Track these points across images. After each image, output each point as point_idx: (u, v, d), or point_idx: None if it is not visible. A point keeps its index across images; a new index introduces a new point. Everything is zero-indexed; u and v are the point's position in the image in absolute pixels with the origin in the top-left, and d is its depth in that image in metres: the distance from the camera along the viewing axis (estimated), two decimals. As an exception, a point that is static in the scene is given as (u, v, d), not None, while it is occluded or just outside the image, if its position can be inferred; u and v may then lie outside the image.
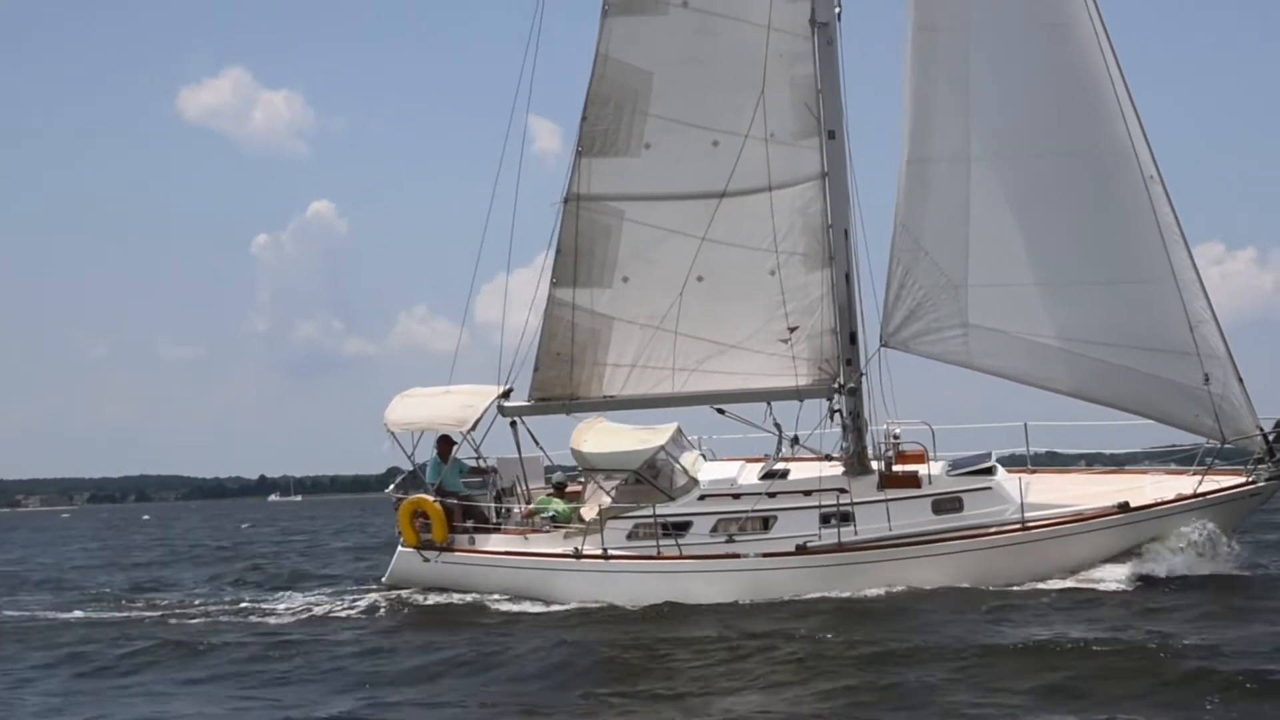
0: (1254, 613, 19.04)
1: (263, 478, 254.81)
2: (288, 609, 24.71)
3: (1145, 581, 22.05)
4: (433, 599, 24.34)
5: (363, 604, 24.33)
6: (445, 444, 25.70)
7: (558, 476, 26.14)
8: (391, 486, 25.89)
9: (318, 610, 24.29)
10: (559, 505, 25.02)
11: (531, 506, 25.19)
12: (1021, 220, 23.21)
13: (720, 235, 24.43)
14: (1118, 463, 26.17)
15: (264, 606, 25.18)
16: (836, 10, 24.23)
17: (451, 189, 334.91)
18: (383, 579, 25.76)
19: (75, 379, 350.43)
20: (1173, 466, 24.85)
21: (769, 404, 24.81)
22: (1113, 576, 22.28)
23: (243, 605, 25.50)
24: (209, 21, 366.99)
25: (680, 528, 23.60)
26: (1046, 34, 22.84)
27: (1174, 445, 24.74)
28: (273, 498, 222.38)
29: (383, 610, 23.79)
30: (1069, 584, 22.26)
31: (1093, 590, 21.80)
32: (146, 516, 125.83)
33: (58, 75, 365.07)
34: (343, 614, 23.72)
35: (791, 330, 24.51)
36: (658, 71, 24.26)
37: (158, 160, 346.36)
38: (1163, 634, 17.49)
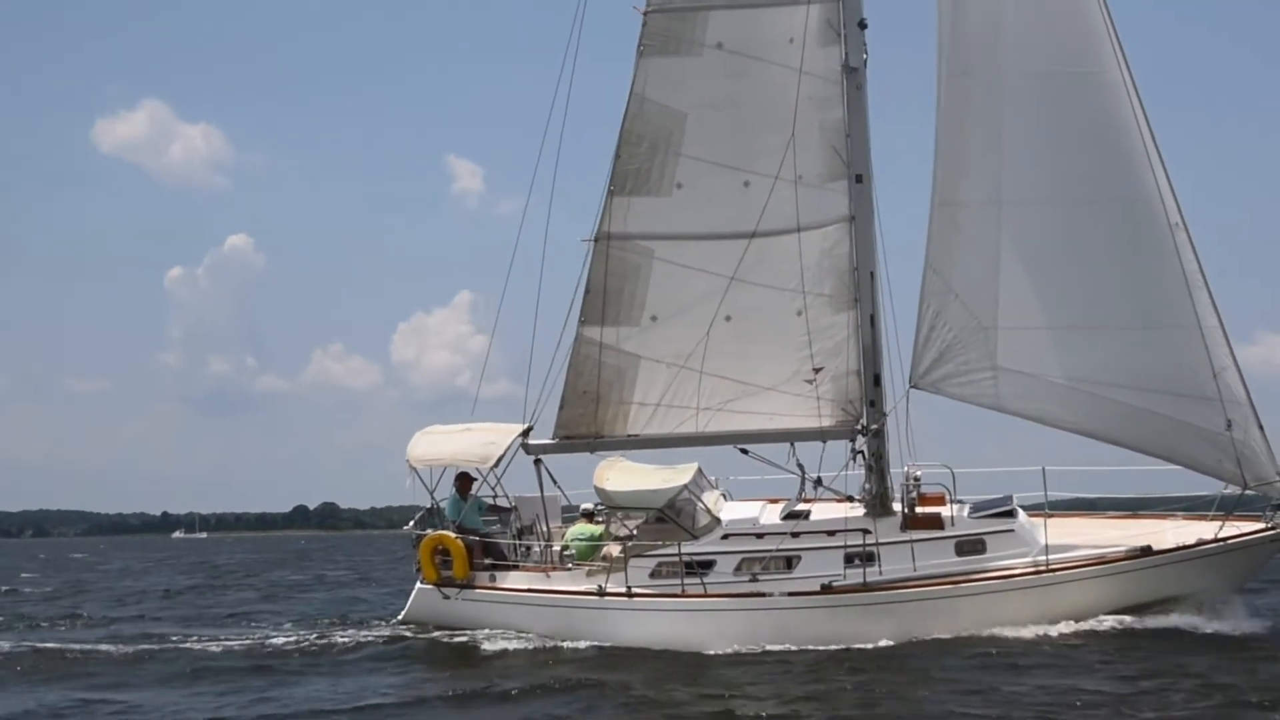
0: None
1: (165, 514, 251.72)
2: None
3: (1162, 628, 22.36)
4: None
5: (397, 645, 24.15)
6: (465, 481, 25.61)
7: (586, 506, 25.96)
8: (412, 523, 25.71)
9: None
10: (593, 529, 24.99)
11: (567, 536, 25.20)
12: (1051, 264, 23.52)
13: (749, 275, 24.58)
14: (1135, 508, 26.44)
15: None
16: (864, 57, 24.51)
17: (371, 225, 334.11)
18: (399, 616, 25.57)
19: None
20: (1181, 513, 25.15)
21: (792, 445, 24.98)
22: (1133, 620, 22.59)
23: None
24: (127, 54, 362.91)
25: (704, 566, 23.63)
26: (1077, 82, 23.18)
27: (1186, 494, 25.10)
28: (176, 534, 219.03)
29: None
30: (1088, 627, 22.51)
31: (1110, 634, 22.18)
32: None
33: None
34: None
35: (817, 371, 24.67)
36: (691, 112, 24.48)
37: (71, 191, 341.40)
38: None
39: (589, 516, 25.70)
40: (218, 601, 38.01)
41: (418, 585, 25.13)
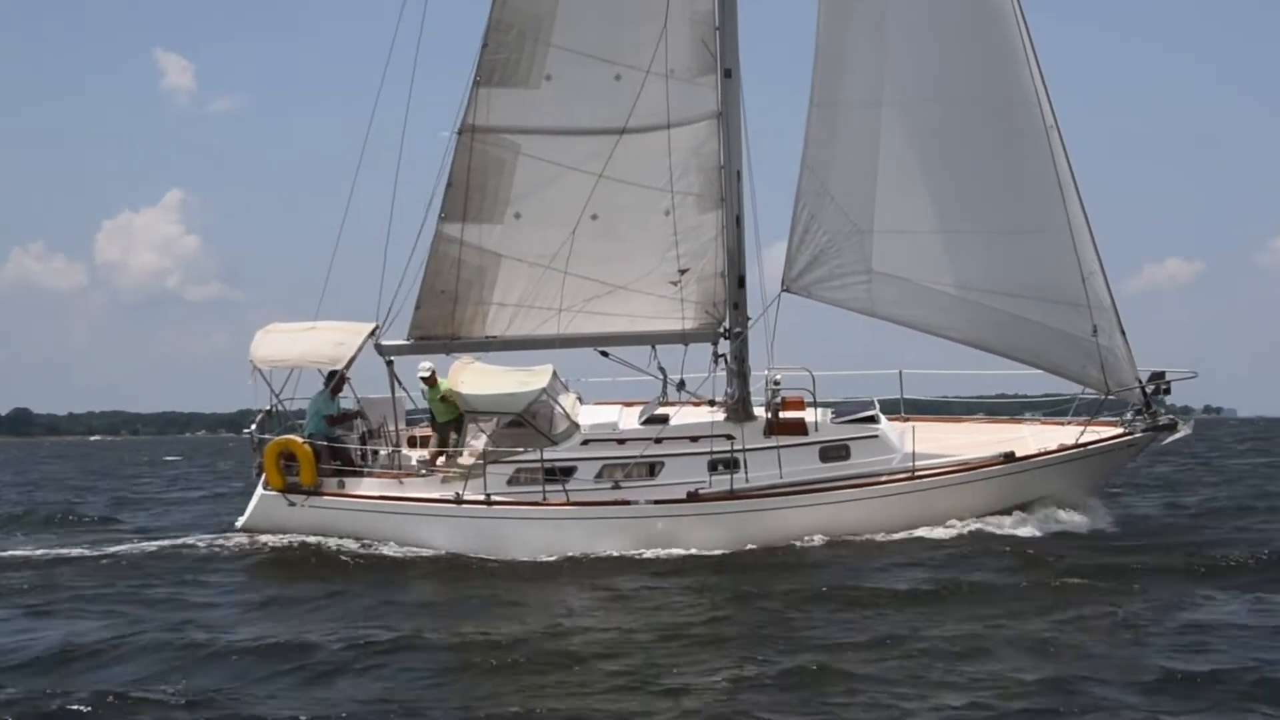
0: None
1: None
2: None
3: (1027, 531, 22.57)
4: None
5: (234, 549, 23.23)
6: (340, 381, 24.34)
7: (427, 364, 24.56)
8: (253, 426, 24.33)
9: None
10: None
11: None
12: (929, 167, 23.13)
13: (617, 173, 23.63)
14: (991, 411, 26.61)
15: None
16: (736, -54, 23.70)
17: (72, 119, 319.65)
18: (237, 523, 24.25)
19: None
20: (1028, 416, 25.41)
21: (654, 347, 24.33)
22: (995, 525, 22.71)
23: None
24: None
25: (565, 473, 22.97)
26: None
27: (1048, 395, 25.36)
28: None
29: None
30: (952, 531, 22.62)
31: (971, 536, 22.37)
32: None
33: None
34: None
35: (683, 272, 24.00)
36: (563, 0, 23.34)
37: None
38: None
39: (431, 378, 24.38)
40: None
41: (259, 491, 23.83)
